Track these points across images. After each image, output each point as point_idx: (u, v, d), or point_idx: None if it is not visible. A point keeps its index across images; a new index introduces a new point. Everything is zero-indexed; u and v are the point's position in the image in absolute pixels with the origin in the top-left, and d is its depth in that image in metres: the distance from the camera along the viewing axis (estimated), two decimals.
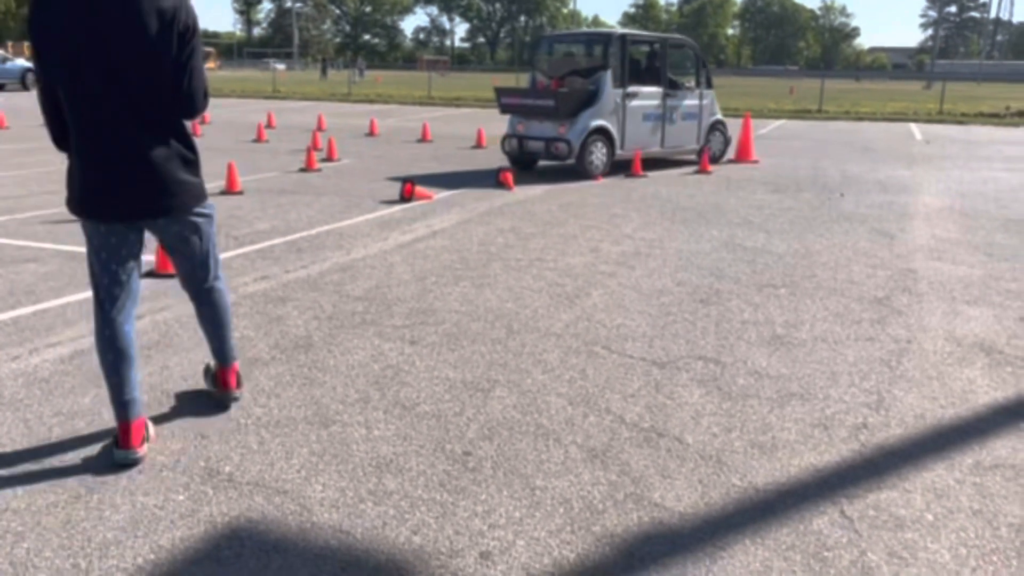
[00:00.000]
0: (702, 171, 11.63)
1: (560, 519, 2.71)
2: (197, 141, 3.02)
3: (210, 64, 69.19)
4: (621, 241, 7.00)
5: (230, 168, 9.48)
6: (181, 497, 2.83)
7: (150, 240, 3.24)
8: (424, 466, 3.07)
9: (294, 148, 13.90)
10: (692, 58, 12.58)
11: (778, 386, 3.90)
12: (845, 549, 2.58)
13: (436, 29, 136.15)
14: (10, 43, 56.17)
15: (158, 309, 4.93)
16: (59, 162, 7.40)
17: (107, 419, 3.41)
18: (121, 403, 3.05)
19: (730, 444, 3.29)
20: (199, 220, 3.22)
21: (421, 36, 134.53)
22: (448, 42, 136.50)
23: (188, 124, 3.10)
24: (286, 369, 4.03)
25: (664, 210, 8.60)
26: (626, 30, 12.00)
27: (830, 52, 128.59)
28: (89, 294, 3.21)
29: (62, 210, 7.84)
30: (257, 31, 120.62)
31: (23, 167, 11.16)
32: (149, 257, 5.86)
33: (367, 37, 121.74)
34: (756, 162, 12.85)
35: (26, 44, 59.74)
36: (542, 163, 11.66)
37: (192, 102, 2.93)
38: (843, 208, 8.86)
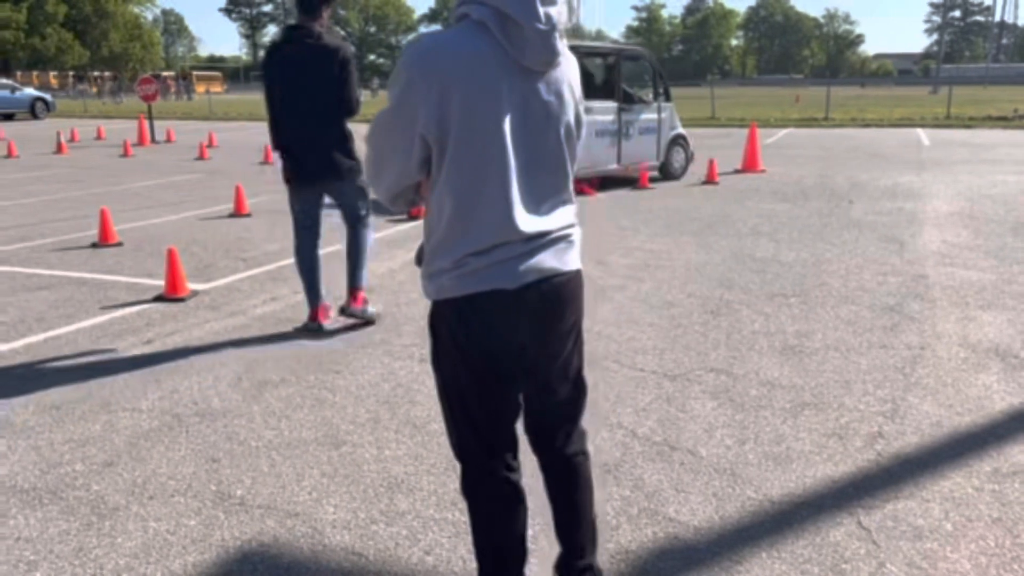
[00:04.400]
0: (709, 182, 11.61)
1: None
2: (204, 164, 3.03)
3: (216, 87, 69.83)
4: (630, 253, 6.99)
5: (238, 190, 9.53)
6: (193, 522, 2.82)
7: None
8: (436, 485, 3.05)
9: None
10: (649, 70, 12.12)
11: (791, 396, 3.86)
12: (863, 561, 2.54)
13: None
14: (19, 73, 56.89)
15: (168, 333, 4.94)
16: (67, 191, 7.44)
17: (118, 444, 3.41)
18: (313, 295, 4.91)
19: (744, 456, 3.26)
20: (350, 185, 4.82)
21: None
22: None
23: (348, 124, 4.74)
24: (296, 391, 4.02)
25: (672, 221, 8.58)
26: (575, 42, 11.49)
27: (835, 60, 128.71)
28: (96, 320, 4.41)
29: (72, 237, 7.89)
30: (261, 53, 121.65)
31: (32, 195, 11.25)
32: (159, 282, 5.89)
33: (372, 57, 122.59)
34: (763, 172, 12.83)
35: (35, 74, 60.52)
36: None
37: (352, 107, 4.68)
38: (852, 215, 8.83)
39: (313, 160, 4.68)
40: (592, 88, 10.79)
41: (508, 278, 1.83)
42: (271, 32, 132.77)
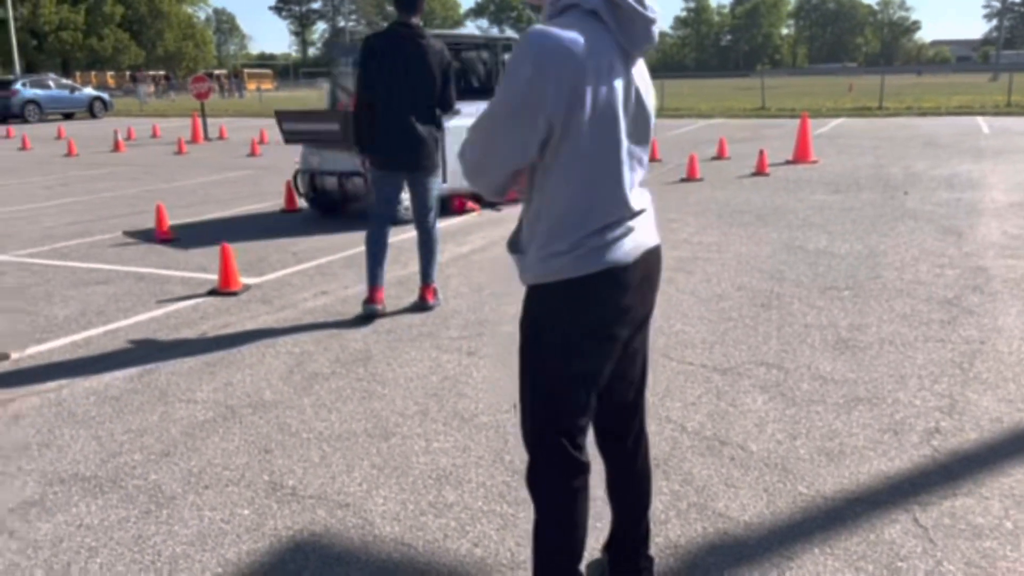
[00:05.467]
0: (759, 173, 11.44)
1: None
2: (255, 161, 3.10)
3: (267, 84, 70.90)
4: (678, 246, 6.92)
5: (288, 187, 9.67)
6: (246, 511, 2.87)
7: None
8: (484, 478, 3.07)
9: None
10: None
11: (844, 391, 3.79)
12: (920, 559, 2.49)
13: None
14: (78, 73, 58.49)
15: (221, 326, 5.04)
16: (125, 188, 7.64)
17: (174, 434, 3.49)
18: (373, 277, 5.15)
19: (795, 451, 3.21)
20: (430, 179, 5.16)
21: None
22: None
23: (442, 118, 5.19)
24: (346, 383, 4.07)
25: (721, 213, 8.47)
26: (441, 31, 9.77)
27: (890, 47, 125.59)
28: (153, 314, 4.65)
29: (129, 233, 8.09)
30: (312, 51, 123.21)
31: (92, 192, 11.57)
32: (213, 276, 6.01)
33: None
34: (815, 162, 12.59)
35: (93, 73, 62.16)
36: None
37: (451, 106, 5.24)
38: (908, 206, 8.61)
39: (406, 152, 5.00)
40: (470, 88, 9.25)
41: (622, 254, 1.94)
42: (320, 29, 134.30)
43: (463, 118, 8.71)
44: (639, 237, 1.98)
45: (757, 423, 3.47)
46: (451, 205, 8.80)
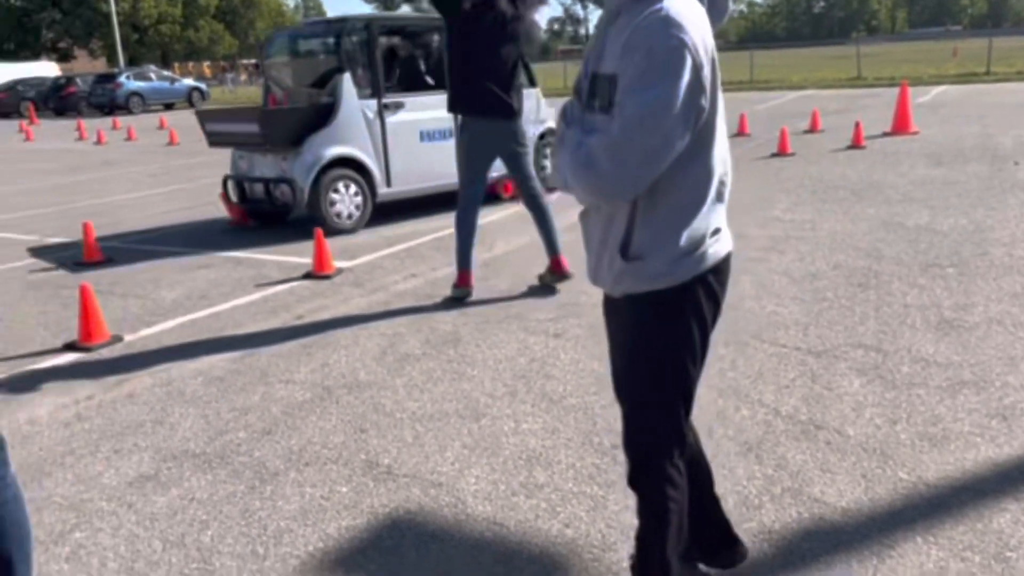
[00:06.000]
0: (855, 146, 11.02)
1: None
2: None
3: None
4: (769, 224, 6.75)
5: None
6: (344, 489, 2.98)
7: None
8: (573, 459, 3.09)
9: None
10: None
11: (948, 374, 3.64)
12: None
13: (570, 18, 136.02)
14: (176, 65, 60.80)
15: (316, 309, 5.20)
16: (222, 174, 7.96)
17: (275, 413, 3.64)
18: (464, 259, 5.18)
19: (895, 436, 3.11)
20: (527, 155, 5.23)
21: (555, 26, 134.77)
22: (583, 31, 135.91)
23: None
24: (436, 364, 4.15)
25: (815, 190, 8.21)
26: (378, 12, 8.84)
27: (998, 8, 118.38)
28: (251, 297, 4.94)
29: (227, 219, 8.39)
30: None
31: (192, 180, 12.07)
32: (307, 260, 6.20)
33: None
34: (916, 133, 12.04)
35: (191, 64, 64.48)
36: None
37: (535, 83, 5.94)
38: (1018, 178, 8.15)
39: (496, 129, 5.05)
40: (409, 76, 8.47)
41: (729, 242, 1.96)
42: (403, 10, 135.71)
43: (405, 112, 7.85)
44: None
45: (854, 407, 3.38)
46: (500, 190, 8.59)
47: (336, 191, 7.43)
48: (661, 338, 1.93)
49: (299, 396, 3.84)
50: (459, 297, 5.21)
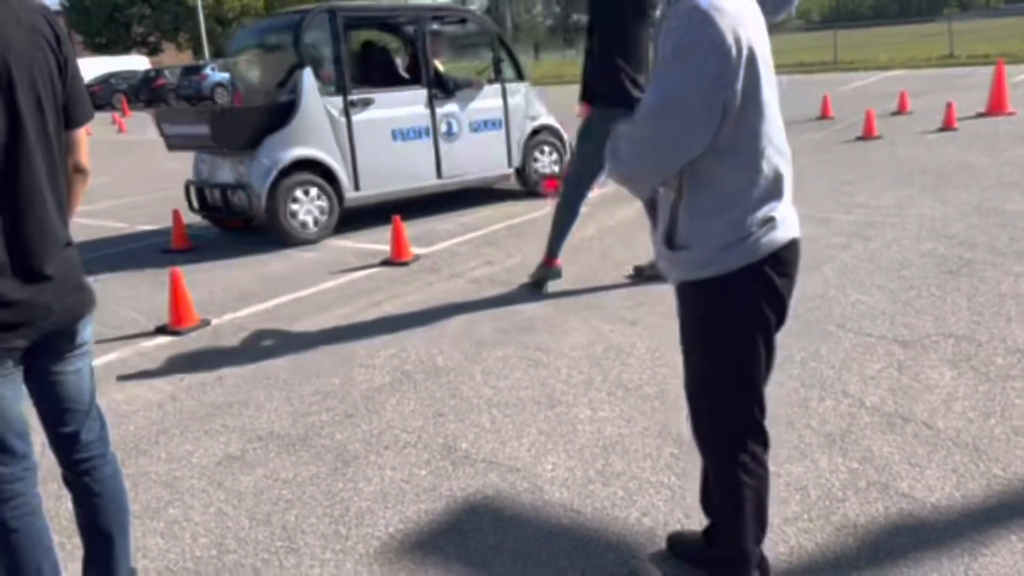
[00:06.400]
0: (946, 128, 10.56)
1: (796, 506, 2.61)
2: None
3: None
4: (854, 210, 6.54)
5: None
6: (423, 472, 3.03)
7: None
8: (650, 448, 3.07)
9: None
10: (483, 38, 8.50)
11: None
12: None
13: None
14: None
15: (394, 295, 5.29)
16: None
17: (356, 397, 3.73)
18: (559, 244, 5.09)
19: (989, 431, 2.99)
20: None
21: None
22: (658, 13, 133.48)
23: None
24: (512, 351, 4.18)
25: (903, 174, 7.91)
26: (344, 2, 7.62)
27: None
28: (332, 283, 5.00)
29: None
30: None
31: None
32: (385, 247, 6.30)
33: (576, 17, 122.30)
34: (1012, 114, 11.46)
35: None
36: None
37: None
38: None
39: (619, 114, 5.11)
40: (381, 70, 7.75)
41: (794, 226, 1.93)
42: (477, 3, 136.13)
43: (375, 109, 7.20)
44: (793, 209, 1.96)
45: (944, 399, 3.26)
46: (541, 188, 8.38)
47: (296, 197, 6.84)
48: (714, 326, 1.96)
49: (378, 380, 3.92)
50: (548, 280, 5.13)
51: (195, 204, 7.53)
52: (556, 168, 8.50)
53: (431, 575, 2.42)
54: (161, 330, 4.89)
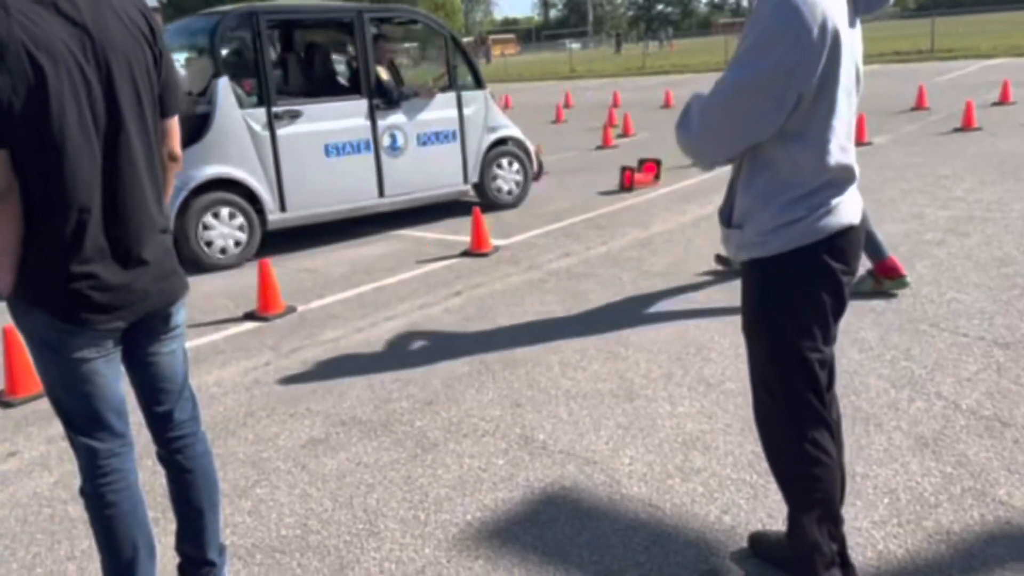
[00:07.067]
0: None
1: (884, 510, 2.52)
2: None
3: (511, 49, 72.83)
4: (950, 205, 6.27)
5: (535, 151, 9.93)
6: (501, 461, 3.05)
7: None
8: (732, 445, 3.01)
9: (591, 126, 14.20)
10: (435, 41, 7.74)
11: None
12: None
13: None
14: None
15: (474, 286, 5.33)
16: None
17: (436, 385, 3.77)
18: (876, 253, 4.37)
19: None
20: None
21: (715, 0, 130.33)
22: (744, 3, 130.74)
23: None
24: (591, 343, 4.15)
25: (1004, 168, 7.53)
26: (267, 3, 6.77)
27: None
28: (413, 273, 4.80)
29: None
30: (553, 13, 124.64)
31: None
32: (465, 238, 6.34)
33: (660, 7, 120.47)
34: None
35: None
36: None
37: None
38: None
39: None
40: (313, 78, 7.18)
41: (854, 214, 1.92)
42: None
43: (304, 122, 6.44)
44: (858, 199, 1.96)
45: None
46: (621, 181, 8.30)
47: (208, 221, 6.15)
48: (766, 307, 1.98)
49: (458, 369, 3.96)
50: (896, 286, 4.42)
51: None
52: (520, 180, 7.91)
53: (508, 564, 2.44)
54: (249, 316, 5.04)
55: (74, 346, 1.94)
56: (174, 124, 2.14)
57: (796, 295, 1.93)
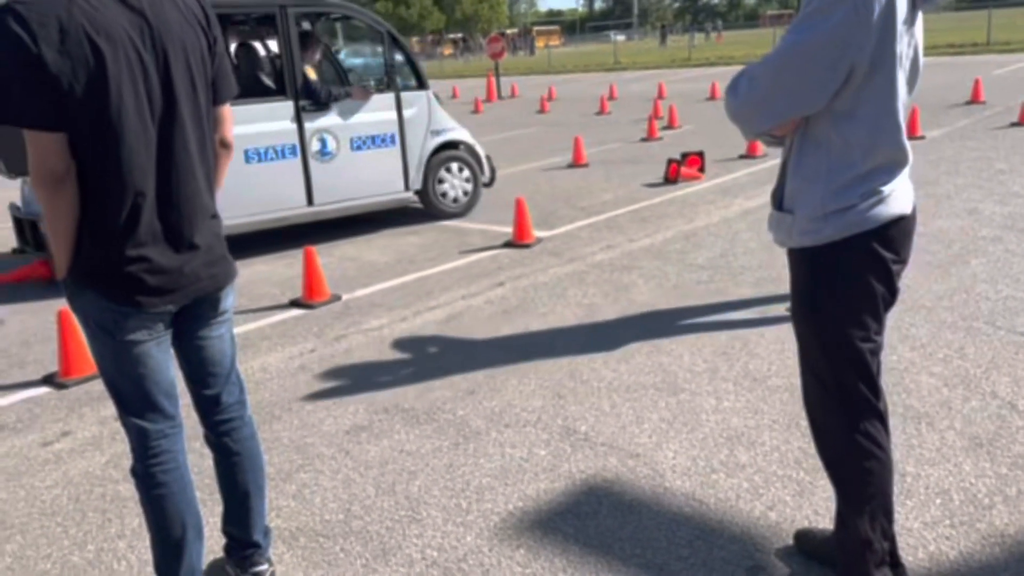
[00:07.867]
0: None
1: (936, 511, 2.46)
2: (544, 117, 3.19)
3: (555, 41, 72.60)
4: (1008, 201, 6.09)
5: (576, 141, 9.89)
6: (543, 452, 3.04)
7: None
8: (778, 441, 2.96)
9: (636, 118, 14.08)
10: (375, 38, 7.25)
11: None
12: None
13: None
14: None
15: (516, 276, 5.32)
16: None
17: (478, 375, 3.77)
18: None
19: None
20: None
21: None
22: None
23: None
24: (633, 335, 4.12)
25: None
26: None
27: None
28: (456, 263, 4.65)
29: None
30: (598, 4, 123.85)
31: None
32: (507, 229, 6.33)
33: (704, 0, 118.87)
34: None
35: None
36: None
37: None
38: None
39: None
40: (238, 80, 5.69)
41: (906, 203, 1.88)
42: None
43: (238, 126, 5.63)
44: (911, 188, 1.92)
45: None
46: (666, 173, 8.20)
47: None
48: (816, 297, 1.94)
49: (500, 359, 3.95)
50: None
51: (15, 240, 6.30)
52: (469, 187, 7.42)
53: (549, 555, 2.43)
54: (295, 303, 5.10)
55: (127, 328, 1.97)
56: (227, 111, 2.16)
57: (847, 284, 1.89)
